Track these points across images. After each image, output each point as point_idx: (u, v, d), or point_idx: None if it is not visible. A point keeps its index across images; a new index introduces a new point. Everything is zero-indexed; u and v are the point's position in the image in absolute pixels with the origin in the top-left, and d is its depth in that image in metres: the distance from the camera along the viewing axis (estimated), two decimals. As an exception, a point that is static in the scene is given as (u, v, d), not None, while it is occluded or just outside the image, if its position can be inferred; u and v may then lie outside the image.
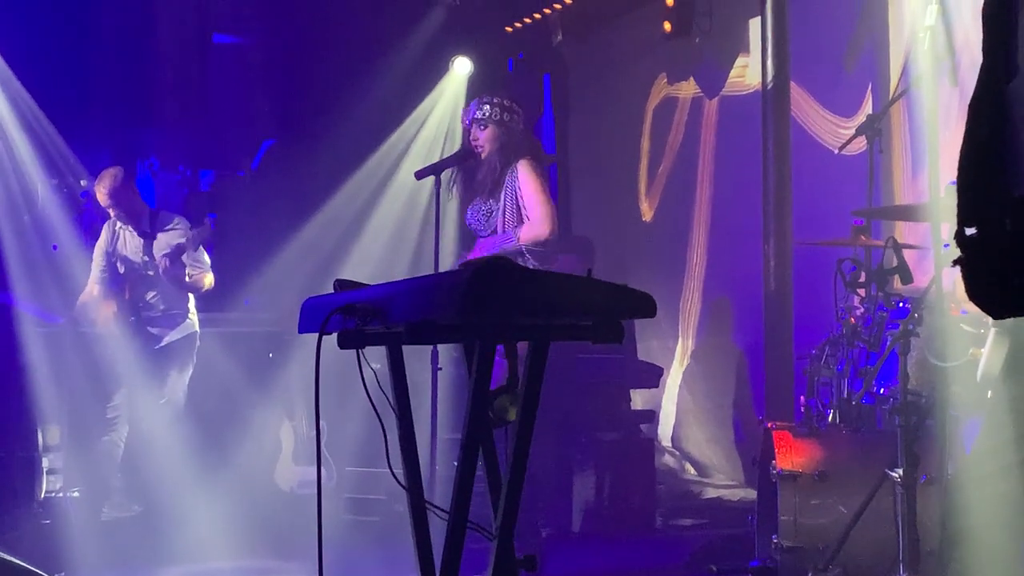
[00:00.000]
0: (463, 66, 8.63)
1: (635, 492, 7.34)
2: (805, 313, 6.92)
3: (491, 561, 2.75)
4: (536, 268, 5.33)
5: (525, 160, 5.68)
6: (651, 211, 10.11)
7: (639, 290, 2.66)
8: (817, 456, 4.86)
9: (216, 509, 6.52)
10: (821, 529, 4.76)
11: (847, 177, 7.01)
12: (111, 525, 6.98)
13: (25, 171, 7.70)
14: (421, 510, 2.89)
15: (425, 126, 9.22)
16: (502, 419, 2.80)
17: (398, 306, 2.68)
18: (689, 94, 9.54)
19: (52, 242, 7.46)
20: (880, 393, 4.70)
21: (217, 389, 7.35)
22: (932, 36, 4.41)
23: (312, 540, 2.82)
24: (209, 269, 7.10)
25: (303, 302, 3.11)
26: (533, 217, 5.59)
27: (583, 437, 7.36)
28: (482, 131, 5.72)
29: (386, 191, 9.07)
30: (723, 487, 8.56)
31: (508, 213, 5.71)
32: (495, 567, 2.74)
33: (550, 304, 2.61)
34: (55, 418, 7.18)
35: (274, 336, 7.94)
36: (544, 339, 2.70)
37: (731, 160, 8.92)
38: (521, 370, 2.75)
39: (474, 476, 2.71)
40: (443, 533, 2.73)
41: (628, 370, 7.83)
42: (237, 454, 7.24)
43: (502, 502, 2.75)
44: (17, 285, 7.23)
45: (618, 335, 2.66)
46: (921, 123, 5.97)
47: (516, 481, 2.72)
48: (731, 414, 8.91)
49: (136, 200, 7.05)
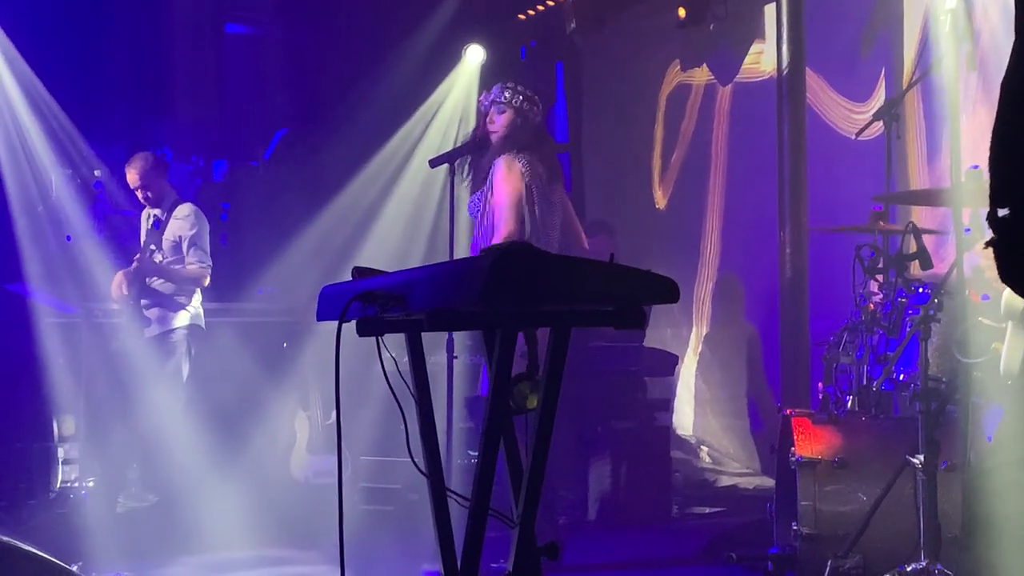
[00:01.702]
0: (476, 54, 8.61)
1: (651, 481, 7.32)
2: (820, 300, 6.89)
3: (513, 549, 2.73)
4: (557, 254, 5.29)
5: (506, 156, 5.62)
6: (664, 199, 10.08)
7: (661, 275, 2.64)
8: (836, 443, 4.83)
9: (231, 499, 6.52)
10: (841, 516, 4.74)
11: (860, 163, 6.98)
12: (127, 515, 6.99)
13: (39, 162, 7.69)
14: (442, 498, 2.87)
15: (438, 114, 9.19)
16: (522, 407, 2.78)
17: (418, 293, 2.65)
18: (703, 81, 9.50)
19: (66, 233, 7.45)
20: (900, 379, 4.67)
21: (231, 379, 7.34)
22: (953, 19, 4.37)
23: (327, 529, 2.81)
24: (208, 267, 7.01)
25: (321, 290, 3.08)
26: (493, 221, 5.57)
27: (599, 426, 7.35)
28: (500, 114, 5.70)
29: (400, 180, 9.05)
30: (739, 475, 8.54)
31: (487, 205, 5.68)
32: (516, 555, 2.72)
33: (572, 290, 2.58)
34: (71, 408, 7.19)
35: (288, 326, 7.94)
36: (566, 326, 2.67)
37: (745, 146, 8.89)
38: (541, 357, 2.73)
39: (495, 464, 2.69)
40: (461, 521, 2.72)
41: (643, 358, 7.81)
42: (252, 444, 7.23)
43: (523, 490, 2.74)
44: (32, 276, 7.24)
45: (640, 321, 2.63)
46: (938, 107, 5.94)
47: (537, 469, 2.70)
48: (746, 402, 8.89)
49: (164, 185, 7.05)
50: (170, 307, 6.93)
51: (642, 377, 7.78)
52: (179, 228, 6.93)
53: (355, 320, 2.72)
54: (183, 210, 6.97)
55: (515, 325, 2.67)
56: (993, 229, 1.74)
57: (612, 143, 10.55)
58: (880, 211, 5.30)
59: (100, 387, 7.00)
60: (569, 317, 2.69)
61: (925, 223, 6.14)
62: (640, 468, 7.29)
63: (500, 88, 5.76)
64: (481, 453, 2.68)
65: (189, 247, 6.90)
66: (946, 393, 4.45)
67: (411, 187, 8.92)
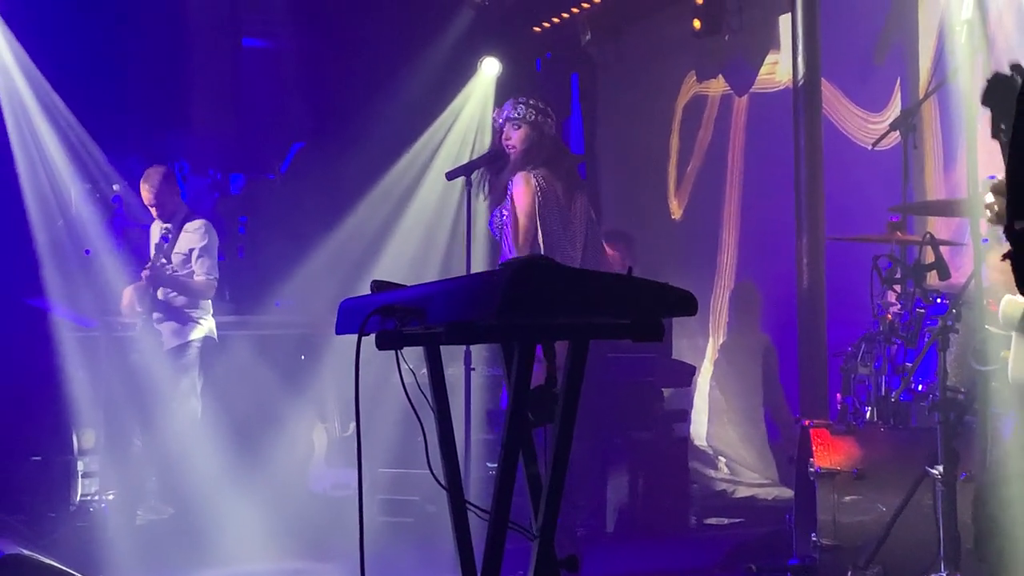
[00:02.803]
0: (491, 67, 8.64)
1: (669, 491, 7.32)
2: (837, 309, 6.88)
3: (532, 561, 2.74)
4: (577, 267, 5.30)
5: (523, 173, 5.62)
6: (680, 209, 10.07)
7: (680, 288, 2.64)
8: (855, 454, 4.83)
9: (250, 511, 6.54)
10: (860, 527, 4.73)
11: (876, 172, 6.97)
12: (146, 528, 7.01)
13: (58, 176, 7.74)
14: (462, 510, 2.88)
15: (454, 127, 9.21)
16: (541, 419, 2.79)
17: (437, 307, 2.66)
18: (718, 91, 9.50)
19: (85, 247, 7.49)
20: (919, 390, 4.67)
21: (249, 391, 7.37)
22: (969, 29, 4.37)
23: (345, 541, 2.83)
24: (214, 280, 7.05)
25: (340, 303, 3.09)
26: (508, 235, 5.58)
27: (616, 437, 7.34)
28: (516, 130, 5.70)
29: (416, 192, 9.06)
30: (756, 486, 8.51)
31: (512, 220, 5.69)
32: (536, 567, 2.73)
33: (590, 303, 2.59)
34: (90, 422, 7.21)
35: (306, 338, 7.96)
36: (584, 338, 2.68)
37: (761, 157, 8.88)
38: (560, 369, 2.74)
39: (515, 476, 2.70)
40: (480, 533, 2.72)
41: (660, 369, 7.80)
42: (270, 456, 7.25)
43: (543, 502, 2.74)
44: (52, 290, 7.27)
45: (659, 333, 2.64)
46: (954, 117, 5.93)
47: (557, 481, 2.71)
48: (763, 412, 8.87)
49: (177, 201, 7.14)
50: (183, 321, 6.99)
51: (659, 388, 7.78)
52: (189, 241, 7.01)
53: (374, 334, 2.74)
54: (194, 224, 7.08)
55: (533, 338, 2.68)
56: (1011, 242, 1.74)
57: (628, 154, 10.56)
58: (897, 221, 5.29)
59: (119, 400, 7.03)
60: (587, 330, 2.70)
61: (941, 233, 6.13)
62: (658, 479, 7.29)
63: (513, 104, 5.76)
64: (500, 466, 2.69)
65: (198, 258, 6.98)
66: (964, 404, 4.44)
67: (427, 199, 8.93)
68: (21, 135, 7.68)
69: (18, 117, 7.71)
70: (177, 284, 6.96)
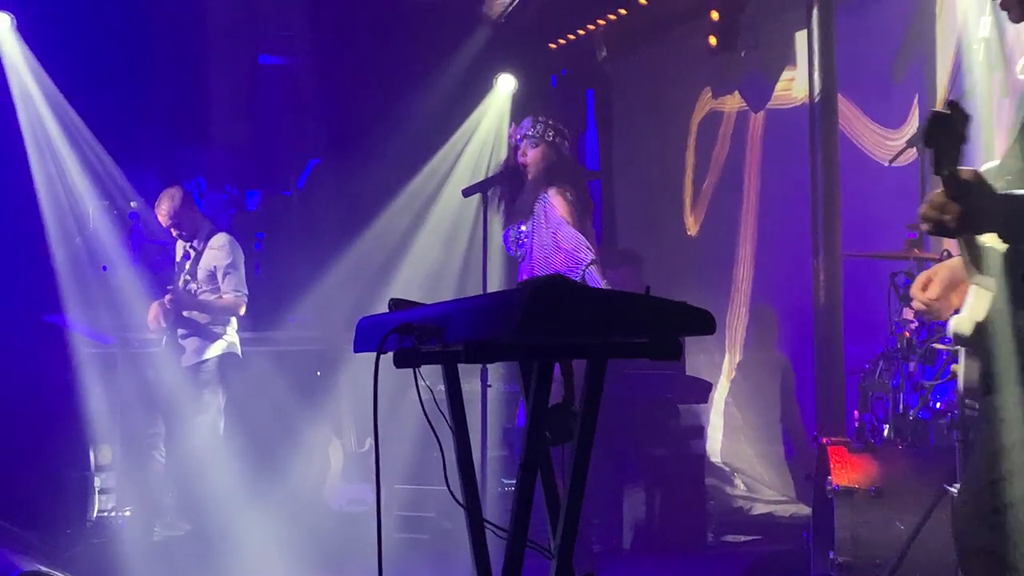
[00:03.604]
0: (507, 83, 8.67)
1: (685, 508, 7.29)
2: (854, 326, 6.86)
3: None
4: (599, 286, 5.32)
5: (556, 188, 5.66)
6: (696, 225, 10.07)
7: (697, 307, 2.64)
8: (873, 471, 4.81)
9: (266, 527, 6.54)
10: (878, 545, 4.71)
11: (893, 189, 6.96)
12: (163, 544, 7.02)
13: (76, 193, 7.77)
14: (480, 528, 2.88)
15: (471, 143, 9.23)
16: (559, 437, 2.79)
17: (455, 325, 2.67)
18: (734, 108, 9.50)
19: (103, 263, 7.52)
20: (937, 408, 4.65)
21: (266, 407, 7.38)
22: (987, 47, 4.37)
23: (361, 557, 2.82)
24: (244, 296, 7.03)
25: (358, 322, 3.09)
26: (567, 247, 5.60)
27: (633, 453, 7.33)
28: (532, 148, 5.72)
29: (432, 208, 9.08)
30: (773, 503, 8.49)
31: (538, 238, 5.71)
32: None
33: (608, 322, 2.59)
34: (107, 438, 7.23)
35: (322, 354, 7.97)
36: (602, 357, 2.68)
37: (777, 173, 8.87)
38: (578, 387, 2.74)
39: (533, 495, 2.70)
40: (497, 551, 2.72)
41: (677, 385, 7.80)
42: (286, 472, 7.26)
43: (561, 521, 2.74)
44: (70, 307, 7.30)
45: (676, 352, 2.64)
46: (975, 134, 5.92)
47: (575, 500, 2.71)
48: (780, 429, 8.85)
49: (196, 218, 7.08)
50: (206, 337, 6.97)
51: (676, 404, 7.77)
52: (214, 258, 6.95)
53: (392, 352, 2.74)
54: (218, 239, 6.99)
55: (552, 356, 2.68)
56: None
57: (643, 170, 10.57)
58: (915, 238, 5.28)
59: (136, 416, 7.04)
60: (606, 348, 2.70)
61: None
62: (675, 496, 7.27)
63: (530, 122, 5.78)
64: (519, 484, 2.68)
65: (224, 276, 6.93)
66: (983, 421, 4.42)
67: (444, 216, 8.95)
68: (40, 152, 7.73)
69: (36, 134, 7.75)
70: (202, 306, 6.92)
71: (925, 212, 2.62)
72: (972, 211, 2.54)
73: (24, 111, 7.72)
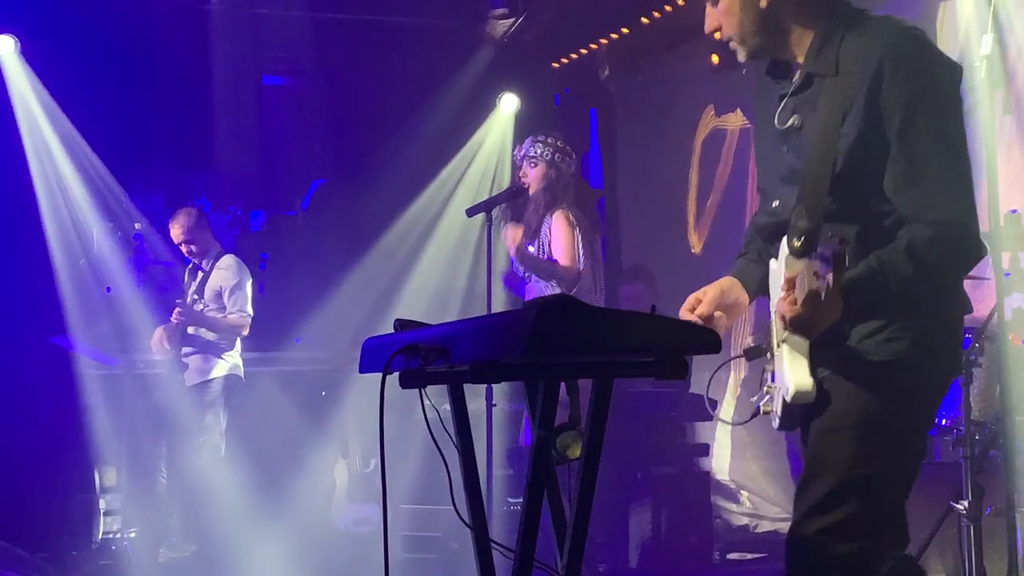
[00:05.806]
0: (510, 103, 8.69)
1: (692, 526, 7.27)
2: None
3: (558, 600, 2.73)
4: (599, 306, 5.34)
5: (560, 210, 5.68)
6: (700, 243, 10.07)
7: (703, 326, 2.65)
8: (879, 489, 4.79)
9: (271, 548, 6.53)
10: (885, 563, 4.69)
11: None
12: (168, 565, 7.01)
13: (81, 215, 7.80)
14: (486, 548, 2.88)
15: (474, 163, 9.25)
16: (565, 457, 2.79)
17: (461, 345, 2.67)
18: (737, 126, 9.51)
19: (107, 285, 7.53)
20: (943, 424, 4.65)
21: (271, 428, 7.38)
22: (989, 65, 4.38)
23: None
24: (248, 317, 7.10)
25: (363, 342, 3.10)
26: (559, 268, 5.63)
27: (639, 472, 7.32)
28: (532, 168, 5.74)
29: (437, 228, 9.09)
30: (780, 520, 8.46)
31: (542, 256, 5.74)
32: (562, 605, 2.72)
33: (615, 342, 2.59)
34: (112, 460, 7.23)
35: (327, 374, 7.97)
36: (608, 376, 2.68)
37: (780, 191, 8.86)
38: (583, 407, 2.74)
39: (540, 515, 2.69)
40: (503, 571, 2.71)
41: (682, 403, 7.79)
42: (292, 492, 7.25)
43: (568, 541, 2.73)
44: (74, 328, 7.31)
45: (683, 372, 2.64)
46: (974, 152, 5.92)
47: (582, 520, 2.70)
48: (785, 445, 8.82)
49: (209, 238, 7.20)
50: (209, 357, 7.00)
51: (681, 422, 7.76)
52: (222, 279, 7.06)
53: (398, 372, 2.74)
54: (226, 260, 7.12)
55: (558, 376, 2.68)
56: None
57: (647, 189, 10.57)
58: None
59: (141, 438, 7.05)
60: (612, 368, 2.70)
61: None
62: (681, 514, 7.25)
63: (532, 141, 5.81)
64: (525, 504, 2.68)
65: (230, 296, 7.02)
66: (989, 438, 4.42)
67: (448, 235, 8.96)
68: (44, 174, 7.76)
69: (40, 155, 7.78)
70: (208, 322, 7.01)
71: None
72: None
73: (28, 133, 7.75)
